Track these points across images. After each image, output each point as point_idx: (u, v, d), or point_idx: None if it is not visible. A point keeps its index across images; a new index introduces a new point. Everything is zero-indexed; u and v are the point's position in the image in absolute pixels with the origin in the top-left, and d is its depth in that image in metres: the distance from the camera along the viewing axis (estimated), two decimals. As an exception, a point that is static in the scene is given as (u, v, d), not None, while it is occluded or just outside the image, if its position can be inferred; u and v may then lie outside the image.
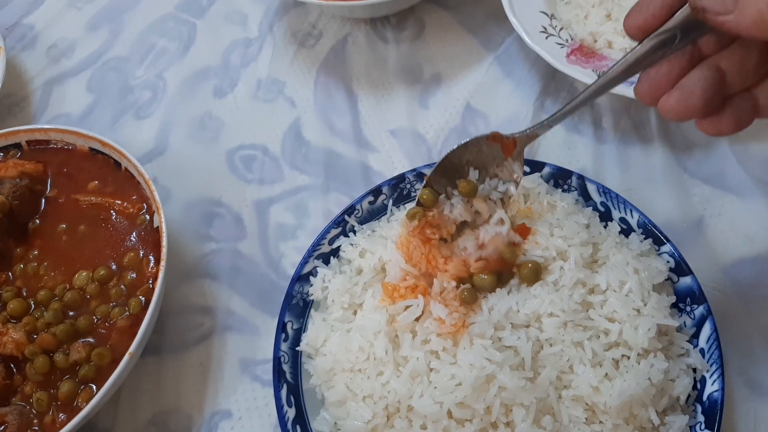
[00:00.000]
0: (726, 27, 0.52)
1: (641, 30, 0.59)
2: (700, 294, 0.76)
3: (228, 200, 0.99)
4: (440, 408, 0.67)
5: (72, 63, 1.19)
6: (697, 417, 0.71)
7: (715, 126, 0.59)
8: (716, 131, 0.59)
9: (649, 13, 0.58)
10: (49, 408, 0.77)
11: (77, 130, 0.94)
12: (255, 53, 1.15)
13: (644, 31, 0.59)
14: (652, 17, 0.58)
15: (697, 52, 0.59)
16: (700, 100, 0.57)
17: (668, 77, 0.58)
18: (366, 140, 1.03)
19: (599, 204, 0.84)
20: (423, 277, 0.75)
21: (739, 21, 0.51)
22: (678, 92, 0.57)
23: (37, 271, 0.86)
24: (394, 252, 0.76)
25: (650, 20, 0.58)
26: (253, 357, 0.86)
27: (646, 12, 0.58)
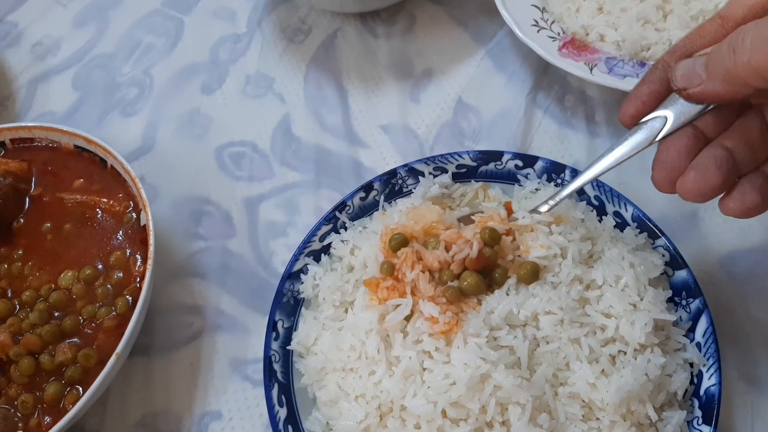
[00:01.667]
0: (705, 97, 0.56)
1: (633, 117, 0.63)
2: (695, 287, 0.75)
3: (217, 198, 0.98)
4: (434, 408, 0.66)
5: (57, 60, 1.17)
6: (695, 412, 0.70)
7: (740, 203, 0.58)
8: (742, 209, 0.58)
9: (640, 101, 0.63)
10: (35, 410, 0.75)
11: (62, 128, 0.92)
12: (243, 49, 1.13)
13: (636, 118, 0.63)
14: (642, 104, 0.62)
15: (701, 134, 0.60)
16: (717, 176, 0.57)
17: (679, 158, 0.60)
18: (357, 136, 1.01)
19: (593, 198, 0.83)
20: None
21: (714, 86, 0.55)
22: (693, 172, 0.58)
23: (22, 271, 0.84)
24: (374, 248, 0.77)
25: (641, 107, 0.63)
26: (244, 356, 0.85)
27: (637, 101, 0.63)
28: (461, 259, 0.71)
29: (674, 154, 0.60)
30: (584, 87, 1.00)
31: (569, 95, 1.00)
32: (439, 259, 0.72)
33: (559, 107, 0.99)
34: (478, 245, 0.72)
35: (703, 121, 0.60)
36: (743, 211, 0.58)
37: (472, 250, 0.71)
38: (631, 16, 0.95)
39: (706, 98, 0.57)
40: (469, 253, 0.71)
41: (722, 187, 0.58)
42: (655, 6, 0.94)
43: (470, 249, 0.71)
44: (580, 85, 1.01)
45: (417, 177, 0.87)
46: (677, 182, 0.59)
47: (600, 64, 0.93)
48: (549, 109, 0.99)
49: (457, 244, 0.72)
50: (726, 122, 0.60)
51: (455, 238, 0.73)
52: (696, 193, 0.58)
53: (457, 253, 0.72)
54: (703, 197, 0.58)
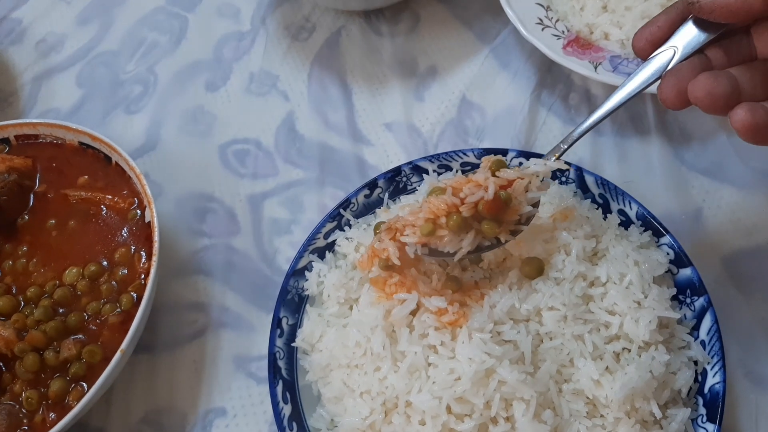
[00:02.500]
0: (717, 7, 0.58)
1: (647, 42, 0.65)
2: (700, 285, 0.75)
3: (221, 195, 0.98)
4: (439, 403, 0.66)
5: (61, 58, 1.17)
6: (699, 410, 0.70)
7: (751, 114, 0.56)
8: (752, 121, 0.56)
9: (655, 25, 0.65)
10: (39, 407, 0.75)
11: (66, 125, 0.92)
12: (247, 47, 1.13)
13: (651, 42, 0.65)
14: (658, 29, 0.65)
15: (709, 62, 0.63)
16: (727, 83, 0.58)
17: (690, 67, 0.61)
18: (361, 134, 1.01)
19: (597, 196, 0.83)
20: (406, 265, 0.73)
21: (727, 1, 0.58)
22: (704, 75, 0.58)
23: (26, 268, 0.84)
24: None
25: (655, 31, 0.65)
26: (248, 354, 0.85)
27: (652, 26, 0.65)
28: (473, 202, 0.66)
29: (685, 65, 0.62)
30: (588, 85, 1.00)
31: (573, 93, 1.00)
32: (446, 202, 0.66)
33: (563, 105, 0.99)
34: (493, 187, 0.66)
35: (711, 52, 0.63)
36: (752, 124, 0.56)
37: (487, 192, 0.66)
38: (636, 15, 0.95)
39: (718, 10, 0.58)
40: (483, 196, 0.66)
41: (732, 96, 0.58)
42: (659, 4, 0.94)
43: (484, 192, 0.66)
44: (584, 83, 1.01)
45: (421, 175, 0.87)
46: (689, 87, 0.58)
47: (604, 63, 0.93)
48: (553, 107, 0.99)
49: (468, 187, 0.67)
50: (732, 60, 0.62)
51: (463, 182, 0.68)
52: (706, 93, 0.57)
53: (468, 195, 0.66)
54: (714, 101, 0.57)
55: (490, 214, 0.67)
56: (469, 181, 0.68)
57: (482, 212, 0.67)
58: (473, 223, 0.68)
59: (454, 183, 0.69)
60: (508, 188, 0.69)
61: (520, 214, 0.70)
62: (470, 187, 0.67)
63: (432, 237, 0.67)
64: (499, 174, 0.70)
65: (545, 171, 0.71)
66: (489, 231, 0.68)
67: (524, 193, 0.69)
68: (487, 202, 0.66)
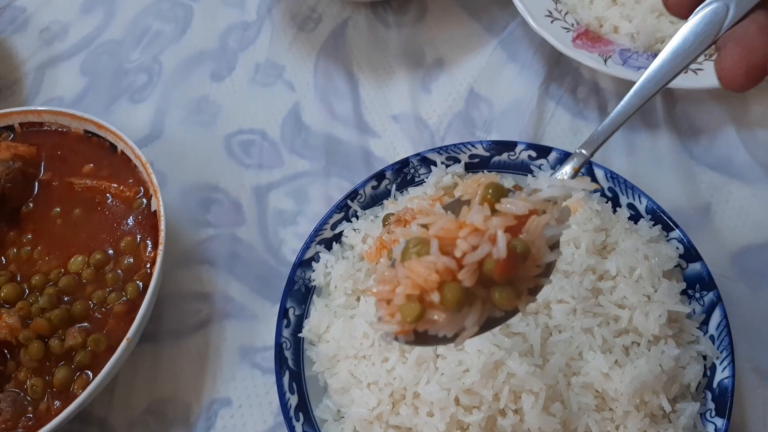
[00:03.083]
0: None
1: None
2: (709, 280, 0.74)
3: (226, 185, 0.97)
4: (447, 395, 0.66)
5: (65, 46, 1.16)
6: (707, 404, 0.70)
7: None
8: None
9: None
10: (44, 395, 0.75)
11: (72, 112, 0.92)
12: (253, 37, 1.12)
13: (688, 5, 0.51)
14: None
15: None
16: None
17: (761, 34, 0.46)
18: (367, 125, 1.01)
19: (607, 190, 0.82)
20: None
21: None
22: None
23: (31, 256, 0.84)
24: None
25: None
26: (253, 344, 0.85)
27: None
28: (476, 261, 0.47)
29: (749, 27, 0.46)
30: (597, 79, 1.00)
31: (582, 87, 0.99)
32: (436, 268, 0.47)
33: (571, 98, 0.99)
34: (504, 237, 0.47)
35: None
36: None
37: (497, 246, 0.47)
38: (645, 8, 0.94)
39: None
40: (491, 252, 0.47)
41: None
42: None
43: (491, 245, 0.47)
44: (593, 76, 1.00)
45: (429, 166, 0.86)
46: None
47: (614, 56, 0.93)
48: (562, 100, 0.99)
49: (464, 238, 0.48)
50: None
51: (453, 228, 0.49)
52: None
53: (468, 252, 0.47)
54: None
55: (504, 278, 0.48)
56: (461, 226, 0.48)
57: (491, 276, 0.47)
58: (478, 291, 0.48)
59: (440, 230, 0.49)
60: (521, 231, 0.48)
61: (540, 264, 0.50)
62: (467, 238, 0.48)
63: (420, 322, 0.48)
64: (501, 208, 0.49)
65: (564, 195, 0.51)
66: (504, 301, 0.48)
67: (543, 235, 0.49)
68: (499, 263, 0.47)
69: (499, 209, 0.49)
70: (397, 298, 0.48)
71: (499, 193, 0.50)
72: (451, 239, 0.48)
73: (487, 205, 0.50)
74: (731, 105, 0.95)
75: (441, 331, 0.49)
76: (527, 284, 0.50)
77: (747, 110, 0.95)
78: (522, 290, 0.49)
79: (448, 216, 0.50)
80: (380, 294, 0.49)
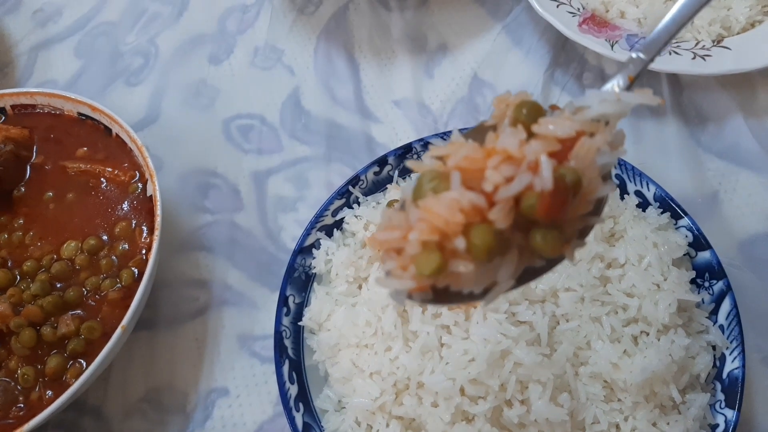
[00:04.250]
0: None
1: None
2: (719, 269, 0.73)
3: (224, 171, 0.95)
4: (452, 384, 0.64)
5: (59, 28, 1.14)
6: (717, 395, 0.68)
7: None
8: None
9: None
10: (36, 384, 0.73)
11: (65, 94, 0.89)
12: (252, 19, 1.10)
13: None
14: None
15: None
16: None
17: None
18: (369, 110, 0.98)
19: (614, 176, 0.80)
20: None
21: None
22: None
23: (23, 241, 0.81)
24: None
25: None
26: (251, 332, 0.83)
27: None
28: (511, 197, 0.37)
29: None
30: (603, 65, 0.98)
31: (588, 73, 0.97)
32: (461, 205, 0.37)
33: (577, 84, 0.97)
34: (549, 164, 0.36)
35: None
36: None
37: (540, 175, 0.36)
38: (654, -7, 0.93)
39: None
40: (532, 183, 0.37)
41: None
42: (679, -18, 0.92)
43: (531, 175, 0.37)
44: (599, 62, 0.98)
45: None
46: None
47: (621, 41, 0.91)
48: (567, 86, 0.97)
49: (494, 167, 0.38)
50: None
51: (479, 157, 0.39)
52: None
53: (501, 186, 0.37)
54: None
55: (549, 217, 0.38)
56: (489, 154, 0.39)
57: (532, 215, 0.37)
58: (513, 235, 0.39)
59: (463, 160, 0.39)
60: (567, 158, 0.38)
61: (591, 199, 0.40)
62: (499, 167, 0.38)
63: (441, 275, 0.39)
64: (540, 130, 0.40)
65: (619, 113, 0.41)
66: (548, 247, 0.38)
67: (595, 163, 0.39)
68: (544, 197, 0.37)
69: (538, 132, 0.39)
70: (411, 246, 0.38)
71: (536, 113, 0.40)
72: (478, 171, 0.38)
73: (521, 127, 0.39)
74: (739, 92, 0.93)
75: (467, 287, 0.39)
76: (575, 226, 0.39)
77: (755, 98, 0.93)
78: (570, 233, 0.39)
79: (471, 143, 0.39)
80: (387, 242, 0.39)
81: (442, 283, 0.39)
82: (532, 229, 0.38)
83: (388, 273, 0.41)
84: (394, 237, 0.39)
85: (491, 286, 0.40)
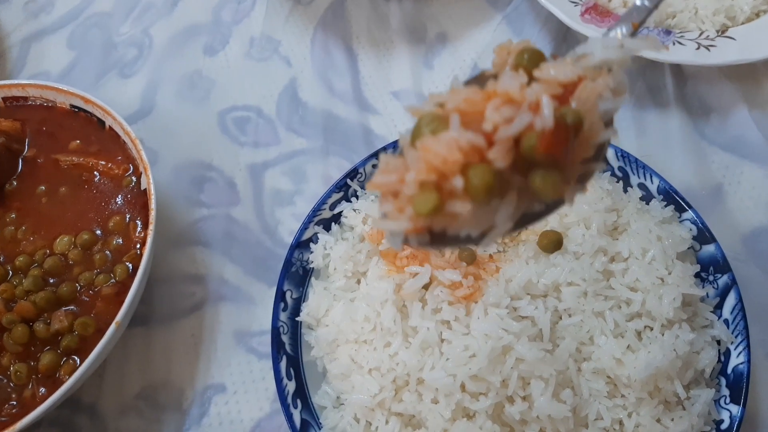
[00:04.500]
0: None
1: None
2: (724, 263, 0.72)
3: (220, 164, 0.93)
4: (453, 381, 0.63)
5: (51, 19, 1.12)
6: (722, 390, 0.67)
7: None
8: None
9: None
10: (29, 381, 0.71)
11: (58, 86, 0.88)
12: (248, 9, 1.08)
13: None
14: None
15: None
16: None
17: None
18: (367, 102, 0.97)
19: (617, 169, 0.79)
20: None
21: None
22: None
23: (15, 236, 0.80)
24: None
25: None
26: (248, 328, 0.81)
27: None
28: (511, 136, 0.37)
29: None
30: (605, 55, 0.96)
31: (589, 63, 0.96)
32: (459, 144, 0.37)
33: (578, 75, 0.95)
34: (550, 103, 0.37)
35: None
36: None
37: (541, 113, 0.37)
38: (657, -19, 0.91)
39: None
40: (532, 123, 0.37)
41: None
42: (682, -29, 0.90)
43: (532, 115, 0.37)
44: (601, 53, 0.97)
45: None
46: None
47: (624, 31, 0.89)
48: (568, 77, 0.95)
49: (494, 108, 0.38)
50: None
51: (480, 98, 0.39)
52: None
53: (501, 125, 0.37)
54: None
55: (549, 156, 0.37)
56: (490, 96, 0.39)
57: (532, 156, 0.37)
58: (512, 177, 0.39)
59: (462, 103, 0.40)
60: (568, 100, 0.39)
61: (592, 144, 0.40)
62: (499, 109, 0.38)
63: (438, 216, 0.39)
64: (542, 75, 0.40)
65: (622, 59, 0.42)
66: (548, 188, 0.38)
67: (597, 106, 0.40)
68: (544, 135, 0.37)
69: (539, 76, 0.39)
70: (408, 186, 0.38)
71: (538, 59, 0.40)
72: (477, 114, 0.37)
73: (522, 72, 0.39)
74: (743, 84, 0.92)
75: (464, 230, 0.39)
76: (576, 170, 0.39)
77: (760, 89, 0.92)
78: (570, 177, 0.39)
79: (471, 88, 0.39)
80: (383, 185, 0.38)
81: (439, 225, 0.39)
82: (531, 171, 0.38)
83: (385, 215, 0.40)
84: (391, 180, 0.39)
85: (489, 229, 0.40)
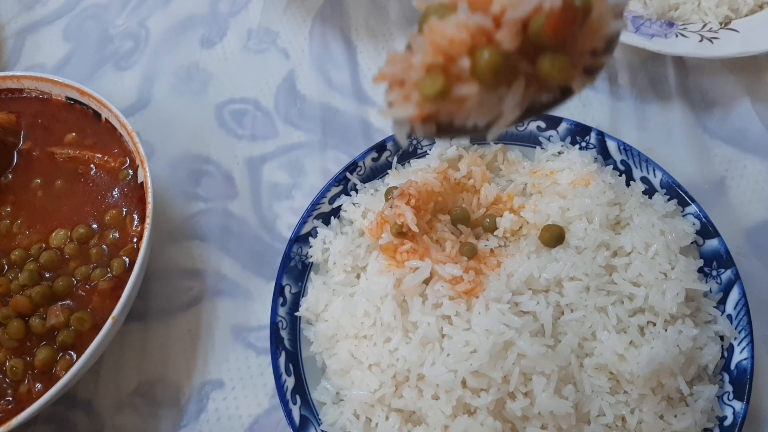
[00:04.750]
0: None
1: None
2: (727, 257, 0.71)
3: (217, 157, 0.92)
4: (454, 377, 0.62)
5: (47, 10, 1.10)
6: (725, 387, 0.67)
7: None
8: None
9: None
10: (25, 376, 0.71)
11: (53, 78, 0.86)
12: (245, 1, 1.07)
13: None
14: None
15: None
16: None
17: None
18: (366, 95, 0.96)
19: (619, 162, 0.78)
20: None
21: None
22: None
23: (10, 230, 0.79)
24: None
25: None
26: (246, 323, 0.81)
27: None
28: (519, 19, 0.37)
29: None
30: (606, 48, 0.95)
31: (591, 56, 0.95)
32: (467, 26, 0.37)
33: (580, 68, 0.94)
34: None
35: None
36: None
37: None
38: (659, -27, 0.90)
39: None
40: (540, 5, 0.36)
41: None
42: (685, -38, 0.89)
43: None
44: (602, 45, 0.96)
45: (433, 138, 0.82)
46: None
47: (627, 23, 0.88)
48: (570, 69, 0.94)
49: None
50: None
51: None
52: None
53: (508, 6, 0.37)
54: None
55: (557, 38, 0.37)
56: None
57: (539, 39, 0.37)
58: (520, 63, 0.38)
59: None
60: None
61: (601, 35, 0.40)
62: None
63: (444, 100, 0.38)
64: None
65: None
66: (556, 72, 0.38)
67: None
68: (552, 15, 0.36)
69: None
70: (414, 71, 0.37)
71: None
72: (486, 3, 0.36)
73: None
74: (746, 76, 0.91)
75: (471, 118, 0.38)
76: (585, 59, 0.39)
77: (763, 82, 0.91)
78: (578, 62, 0.38)
79: None
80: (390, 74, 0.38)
81: (446, 113, 0.38)
82: (540, 56, 0.37)
83: (391, 104, 0.40)
84: (398, 69, 0.39)
85: (496, 118, 0.39)
